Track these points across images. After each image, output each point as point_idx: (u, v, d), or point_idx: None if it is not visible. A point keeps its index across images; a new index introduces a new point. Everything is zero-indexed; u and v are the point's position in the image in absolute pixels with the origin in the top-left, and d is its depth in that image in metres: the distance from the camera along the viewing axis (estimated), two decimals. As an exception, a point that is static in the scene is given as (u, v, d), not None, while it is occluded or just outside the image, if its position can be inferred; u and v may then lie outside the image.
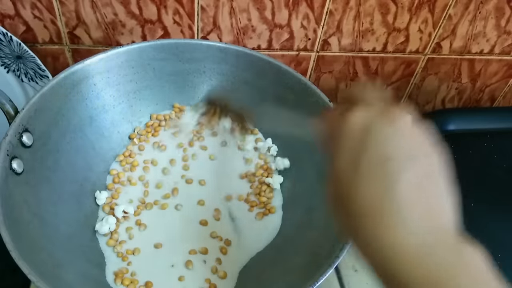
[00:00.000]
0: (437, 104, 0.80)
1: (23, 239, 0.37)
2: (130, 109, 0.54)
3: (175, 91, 0.56)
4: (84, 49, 0.62)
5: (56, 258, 0.40)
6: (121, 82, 0.52)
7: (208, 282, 0.46)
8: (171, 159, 0.54)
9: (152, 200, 0.51)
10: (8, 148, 0.40)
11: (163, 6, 0.59)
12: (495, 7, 0.65)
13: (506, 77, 0.77)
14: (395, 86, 0.75)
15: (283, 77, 0.53)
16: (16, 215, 0.39)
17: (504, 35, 0.70)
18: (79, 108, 0.49)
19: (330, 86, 0.73)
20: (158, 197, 0.51)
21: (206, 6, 0.59)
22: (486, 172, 0.63)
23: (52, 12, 0.58)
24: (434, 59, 0.72)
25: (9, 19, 0.58)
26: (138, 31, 0.61)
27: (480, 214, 0.58)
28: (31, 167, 0.42)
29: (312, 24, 0.64)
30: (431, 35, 0.68)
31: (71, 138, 0.49)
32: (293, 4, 0.61)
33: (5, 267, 0.38)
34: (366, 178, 0.26)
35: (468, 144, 0.66)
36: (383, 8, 0.63)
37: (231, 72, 0.55)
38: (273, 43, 0.65)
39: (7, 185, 0.39)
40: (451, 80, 0.76)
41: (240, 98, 0.56)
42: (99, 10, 0.58)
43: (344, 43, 0.67)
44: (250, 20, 0.62)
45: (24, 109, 0.43)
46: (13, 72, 0.58)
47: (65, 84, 0.47)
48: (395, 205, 0.25)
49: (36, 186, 0.43)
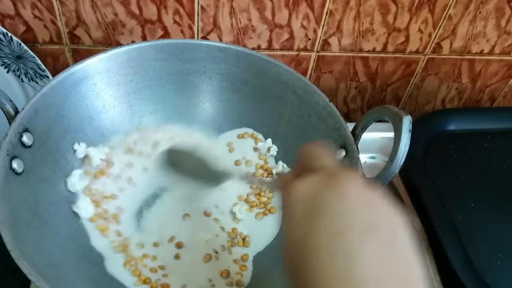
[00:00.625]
0: (437, 104, 0.80)
1: (23, 239, 0.37)
2: (130, 109, 0.54)
3: (175, 91, 0.56)
4: (84, 49, 0.62)
5: (56, 258, 0.40)
6: (121, 82, 0.52)
7: (209, 281, 0.46)
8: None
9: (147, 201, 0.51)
10: (8, 148, 0.40)
11: (163, 6, 0.59)
12: (495, 7, 0.65)
13: (506, 77, 0.77)
14: (395, 86, 0.75)
15: (283, 77, 0.53)
16: (16, 215, 0.39)
17: (504, 35, 0.70)
18: (79, 108, 0.49)
19: (330, 86, 0.73)
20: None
21: (206, 6, 0.59)
22: (486, 172, 0.63)
23: (52, 12, 0.58)
24: (434, 59, 0.72)
25: (9, 19, 0.58)
26: (138, 31, 0.61)
27: (480, 214, 0.57)
28: (31, 167, 0.42)
29: (312, 24, 0.64)
30: (431, 35, 0.68)
31: (71, 138, 0.49)
32: (293, 4, 0.61)
33: (5, 267, 0.38)
34: (318, 256, 0.23)
35: (468, 144, 0.66)
36: (383, 8, 0.63)
37: (231, 72, 0.55)
38: (273, 43, 0.65)
39: (7, 185, 0.39)
40: (451, 80, 0.76)
41: (240, 99, 0.56)
42: (99, 10, 0.58)
43: (344, 43, 0.67)
44: (250, 20, 0.62)
45: (24, 109, 0.43)
46: (13, 72, 0.58)
47: (65, 84, 0.47)
48: (354, 285, 0.22)
49: (36, 186, 0.43)
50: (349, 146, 0.46)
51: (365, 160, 0.67)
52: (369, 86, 0.74)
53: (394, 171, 0.41)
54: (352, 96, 0.76)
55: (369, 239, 0.23)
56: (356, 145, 0.46)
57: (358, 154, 0.45)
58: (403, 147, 0.41)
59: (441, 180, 0.61)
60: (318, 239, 0.24)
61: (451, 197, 0.59)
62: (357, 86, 0.74)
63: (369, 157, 0.68)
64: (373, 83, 0.74)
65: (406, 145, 0.41)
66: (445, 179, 0.61)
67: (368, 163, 0.67)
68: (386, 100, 0.77)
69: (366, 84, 0.74)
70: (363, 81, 0.73)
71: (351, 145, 0.46)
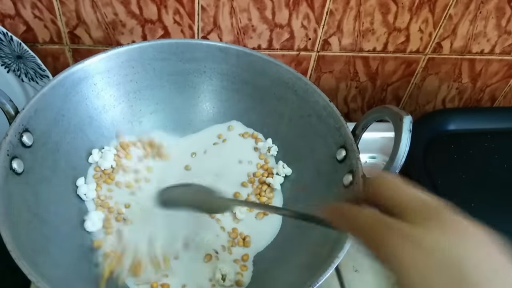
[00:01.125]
0: (437, 104, 0.80)
1: (23, 239, 0.37)
2: (130, 109, 0.54)
3: (175, 91, 0.56)
4: (84, 49, 0.62)
5: (56, 258, 0.40)
6: (121, 82, 0.52)
7: (209, 281, 0.46)
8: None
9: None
10: (8, 148, 0.40)
11: (163, 6, 0.59)
12: (495, 7, 0.65)
13: (507, 77, 0.77)
14: (395, 86, 0.75)
15: (283, 77, 0.53)
16: (16, 215, 0.39)
17: (505, 35, 0.70)
18: (79, 108, 0.49)
19: (330, 86, 0.73)
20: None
21: (206, 6, 0.59)
22: (486, 172, 0.63)
23: (52, 12, 0.58)
24: (435, 59, 0.72)
25: (10, 19, 0.58)
26: (138, 31, 0.61)
27: (480, 214, 0.57)
28: (31, 167, 0.42)
29: (313, 24, 0.63)
30: (432, 35, 0.68)
31: (72, 138, 0.49)
32: (293, 4, 0.61)
33: (5, 267, 0.38)
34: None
35: (468, 144, 0.66)
36: (383, 8, 0.63)
37: (232, 72, 0.55)
38: (273, 43, 0.65)
39: (7, 185, 0.39)
40: (451, 80, 0.76)
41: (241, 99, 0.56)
42: (100, 10, 0.58)
43: (344, 43, 0.67)
44: (251, 20, 0.62)
45: (24, 109, 0.43)
46: (14, 72, 0.58)
47: (65, 84, 0.47)
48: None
49: (36, 186, 0.43)
50: (349, 146, 0.46)
51: (365, 160, 0.67)
52: (369, 86, 0.74)
53: (394, 171, 0.41)
54: (353, 96, 0.76)
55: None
56: (357, 145, 0.46)
57: (358, 154, 0.45)
58: (404, 147, 0.41)
59: (441, 180, 0.61)
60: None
61: (451, 197, 0.58)
62: (358, 86, 0.74)
63: (370, 157, 0.68)
64: (373, 83, 0.74)
65: (406, 145, 0.41)
66: (445, 179, 0.61)
67: (369, 163, 0.67)
68: (387, 100, 0.77)
69: (367, 84, 0.74)
70: (363, 81, 0.73)
71: (352, 145, 0.46)
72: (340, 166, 0.46)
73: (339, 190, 0.46)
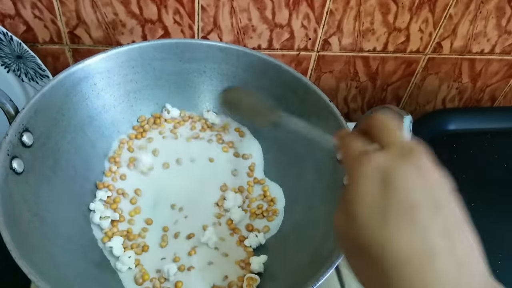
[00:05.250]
0: (437, 104, 0.80)
1: (23, 239, 0.37)
2: (130, 109, 0.54)
3: (175, 91, 0.56)
4: (84, 49, 0.63)
5: (56, 258, 0.40)
6: (122, 82, 0.52)
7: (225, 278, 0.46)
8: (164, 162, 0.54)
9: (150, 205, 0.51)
10: (8, 148, 0.40)
11: (163, 6, 0.59)
12: (495, 6, 0.65)
13: (507, 77, 0.77)
14: (395, 86, 0.75)
15: (283, 77, 0.53)
16: (16, 215, 0.39)
17: (505, 35, 0.70)
18: (79, 108, 0.49)
19: (330, 85, 0.73)
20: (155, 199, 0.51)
21: (206, 6, 0.59)
22: (486, 172, 0.63)
23: (52, 12, 0.58)
24: (435, 59, 0.72)
25: (10, 18, 0.58)
26: (138, 31, 0.61)
27: (480, 214, 0.57)
28: (31, 167, 0.42)
29: (313, 24, 0.64)
30: (432, 35, 0.68)
31: (72, 138, 0.49)
32: (293, 3, 0.61)
33: (5, 267, 0.38)
34: (396, 226, 0.25)
35: (468, 144, 0.66)
36: (383, 7, 0.63)
37: (232, 72, 0.55)
38: (273, 43, 0.65)
39: (7, 185, 0.39)
40: (451, 80, 0.76)
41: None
42: (100, 10, 0.58)
43: (344, 43, 0.67)
44: (251, 19, 0.62)
45: (25, 108, 0.43)
46: (14, 72, 0.58)
47: (65, 84, 0.47)
48: (427, 256, 0.24)
49: (36, 186, 0.43)
50: (349, 146, 0.46)
51: (365, 160, 0.67)
52: (369, 86, 0.74)
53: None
54: (353, 96, 0.76)
55: (440, 214, 0.25)
56: (357, 145, 0.46)
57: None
58: (404, 147, 0.41)
59: (441, 180, 0.61)
60: (396, 211, 0.25)
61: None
62: (358, 85, 0.74)
63: (370, 157, 0.68)
64: (373, 82, 0.74)
65: (406, 145, 0.41)
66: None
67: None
68: (387, 100, 0.77)
69: (367, 84, 0.74)
70: (363, 80, 0.73)
71: (351, 145, 0.46)
72: (340, 166, 0.46)
73: (339, 190, 0.46)
